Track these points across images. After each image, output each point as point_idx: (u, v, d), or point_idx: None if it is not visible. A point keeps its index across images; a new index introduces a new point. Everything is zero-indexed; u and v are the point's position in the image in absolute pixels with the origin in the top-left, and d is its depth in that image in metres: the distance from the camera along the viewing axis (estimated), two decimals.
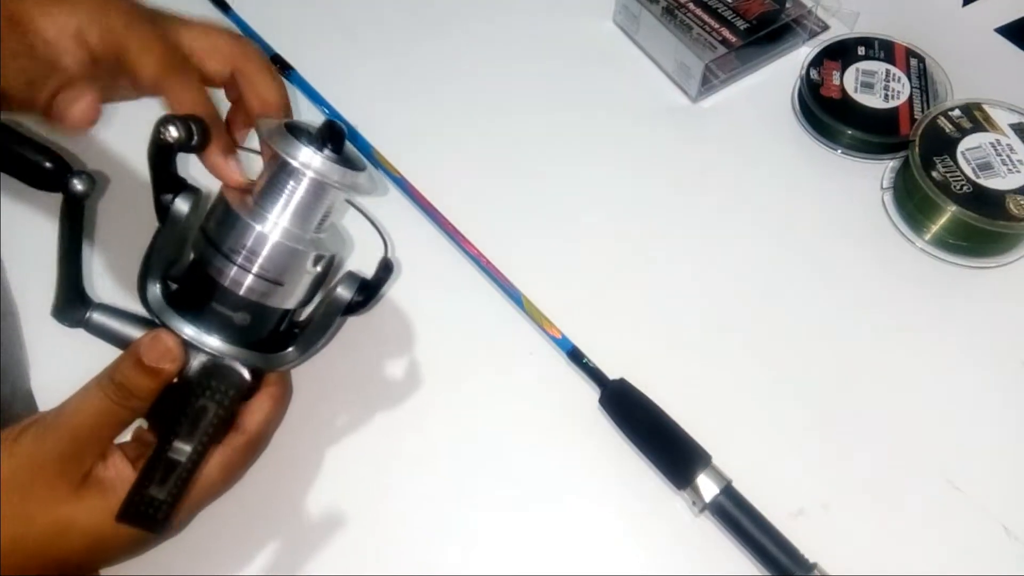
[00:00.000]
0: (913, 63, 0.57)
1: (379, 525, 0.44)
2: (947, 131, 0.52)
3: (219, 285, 0.39)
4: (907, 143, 0.52)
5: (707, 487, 0.41)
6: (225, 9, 0.63)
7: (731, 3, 0.59)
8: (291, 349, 0.42)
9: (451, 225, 0.52)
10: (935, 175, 0.50)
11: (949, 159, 0.51)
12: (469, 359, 0.49)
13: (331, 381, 0.48)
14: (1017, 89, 0.56)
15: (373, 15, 0.64)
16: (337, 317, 0.42)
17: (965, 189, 0.50)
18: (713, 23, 0.58)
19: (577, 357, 0.47)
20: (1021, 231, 0.49)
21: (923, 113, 0.54)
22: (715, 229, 0.53)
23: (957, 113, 0.53)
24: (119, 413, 0.36)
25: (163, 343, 0.37)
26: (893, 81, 0.56)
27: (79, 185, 0.36)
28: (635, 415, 0.45)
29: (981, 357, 0.48)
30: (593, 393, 0.46)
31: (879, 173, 0.55)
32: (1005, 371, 0.48)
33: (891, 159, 0.55)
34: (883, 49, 0.58)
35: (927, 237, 0.51)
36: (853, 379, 0.47)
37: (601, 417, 0.46)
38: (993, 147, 0.51)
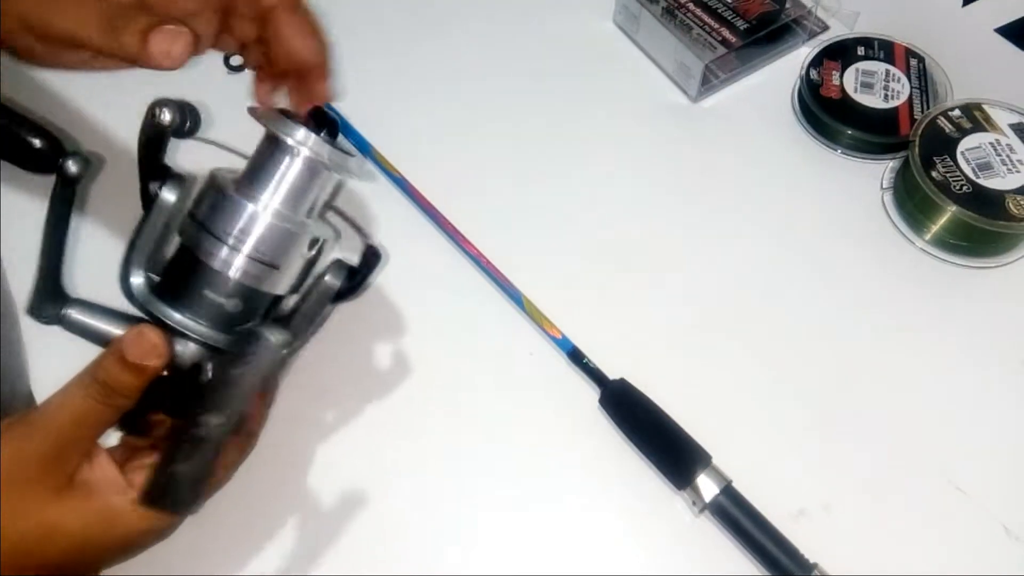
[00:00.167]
0: (913, 63, 0.57)
1: (379, 525, 0.44)
2: (947, 131, 0.52)
3: (210, 268, 0.37)
4: (907, 143, 0.52)
5: (707, 487, 0.41)
6: None
7: (731, 3, 0.59)
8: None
9: (451, 225, 0.52)
10: (935, 175, 0.50)
11: (949, 159, 0.51)
12: (469, 359, 0.49)
13: (331, 381, 0.48)
14: (1017, 89, 0.56)
15: (373, 15, 0.64)
16: (327, 305, 0.40)
17: (965, 189, 0.50)
18: (713, 23, 0.58)
19: (577, 357, 0.47)
20: (1021, 231, 0.49)
21: (923, 113, 0.54)
22: (715, 229, 0.53)
23: (957, 113, 0.53)
24: (102, 412, 0.35)
25: (147, 339, 0.35)
26: (893, 81, 0.56)
27: (73, 167, 0.34)
28: (635, 415, 0.45)
29: (981, 357, 0.48)
30: (593, 393, 0.46)
31: (879, 173, 0.55)
32: (1005, 371, 0.48)
33: (891, 159, 0.55)
34: (883, 49, 0.58)
35: (927, 237, 0.51)
36: (853, 379, 0.47)
37: (601, 417, 0.46)
38: (993, 147, 0.51)
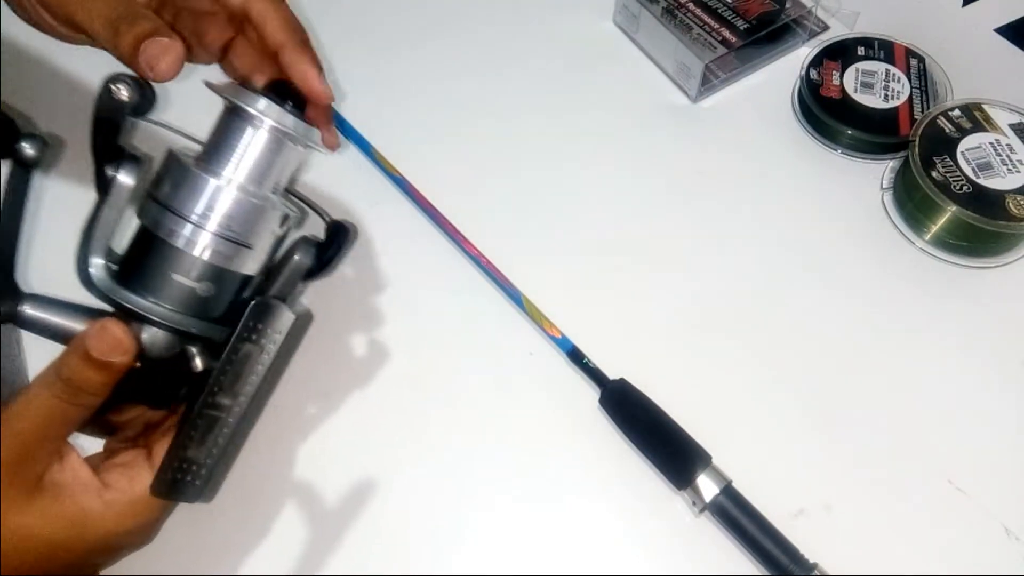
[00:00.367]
0: (913, 63, 0.57)
1: (379, 525, 0.43)
2: (947, 131, 0.52)
3: (175, 250, 0.35)
4: (907, 143, 0.52)
5: (707, 487, 0.41)
6: None
7: (731, 3, 0.59)
8: None
9: (451, 225, 0.52)
10: (935, 175, 0.50)
11: (949, 159, 0.51)
12: (469, 359, 0.49)
13: (330, 381, 0.48)
14: (1017, 89, 0.56)
15: (373, 15, 0.64)
16: (298, 284, 0.39)
17: (965, 189, 0.50)
18: (713, 23, 0.58)
19: (577, 357, 0.47)
20: (1021, 231, 0.49)
21: (923, 113, 0.54)
22: (715, 229, 0.53)
23: (957, 113, 0.53)
24: (69, 411, 0.34)
25: (111, 334, 0.33)
26: (893, 81, 0.56)
27: (29, 150, 0.32)
28: (635, 415, 0.45)
29: (981, 357, 0.48)
30: (593, 393, 0.46)
31: (879, 173, 0.55)
32: (1005, 371, 0.48)
33: (891, 159, 0.55)
34: (883, 49, 0.58)
35: (927, 237, 0.51)
36: (853, 379, 0.47)
37: (601, 417, 0.46)
38: (993, 147, 0.51)
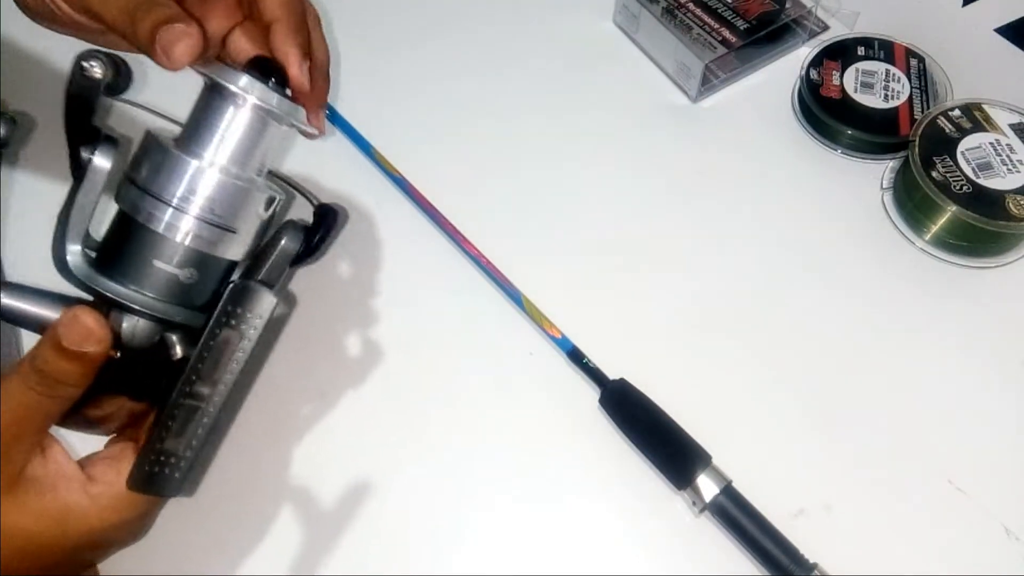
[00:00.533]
0: (913, 63, 0.57)
1: (378, 525, 0.43)
2: (947, 131, 0.52)
3: (157, 235, 0.34)
4: (907, 143, 0.52)
5: (707, 487, 0.41)
6: None
7: (731, 3, 0.59)
8: None
9: (451, 225, 0.52)
10: (935, 175, 0.50)
11: (949, 159, 0.51)
12: (469, 359, 0.49)
13: (330, 381, 0.48)
14: (1017, 89, 0.56)
15: (373, 15, 0.64)
16: (286, 269, 0.38)
17: (965, 189, 0.50)
18: (713, 23, 0.58)
19: (577, 357, 0.47)
20: (1021, 231, 0.49)
21: (923, 113, 0.54)
22: (715, 229, 0.53)
23: (957, 113, 0.53)
24: (45, 404, 0.32)
25: (82, 323, 0.32)
26: (893, 81, 0.56)
27: None
28: (635, 415, 0.45)
29: (981, 357, 0.48)
30: (593, 393, 0.46)
31: (879, 173, 0.55)
32: (1005, 371, 0.47)
33: (891, 159, 0.55)
34: (883, 49, 0.58)
35: (927, 237, 0.51)
36: (853, 379, 0.47)
37: (601, 417, 0.46)
38: (993, 147, 0.51)
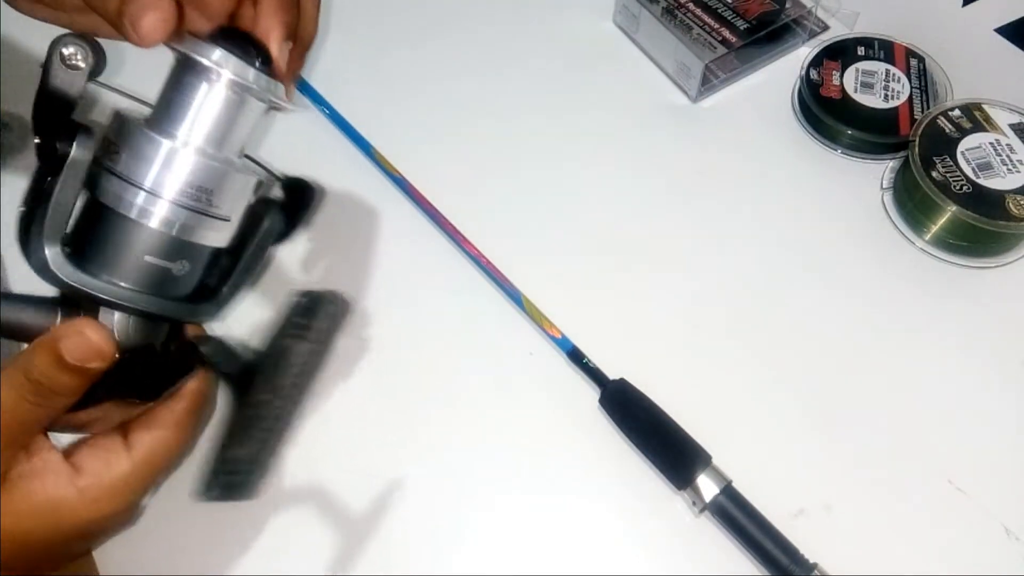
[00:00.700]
0: (913, 63, 0.57)
1: (378, 525, 0.43)
2: (947, 131, 0.52)
3: (143, 227, 0.32)
4: (907, 143, 0.52)
5: (707, 487, 0.41)
6: None
7: (731, 3, 0.59)
8: (224, 290, 0.36)
9: (451, 225, 0.52)
10: (935, 175, 0.50)
11: (949, 159, 0.51)
12: (469, 359, 0.49)
13: (328, 380, 0.48)
14: (1017, 89, 0.56)
15: (373, 15, 0.64)
16: (267, 250, 0.37)
17: (965, 189, 0.50)
18: (713, 23, 0.58)
19: (577, 357, 0.47)
20: (1021, 231, 0.49)
21: (923, 113, 0.54)
22: (715, 229, 0.53)
23: (957, 113, 0.53)
24: (37, 413, 0.31)
25: (88, 339, 0.31)
26: (893, 81, 0.56)
27: None
28: (635, 415, 0.45)
29: (981, 357, 0.48)
30: (593, 393, 0.46)
31: (879, 173, 0.55)
32: (1005, 371, 0.47)
33: (891, 159, 0.55)
34: (883, 49, 0.58)
35: (927, 237, 0.51)
36: (853, 379, 0.47)
37: (601, 417, 0.46)
38: (993, 147, 0.51)
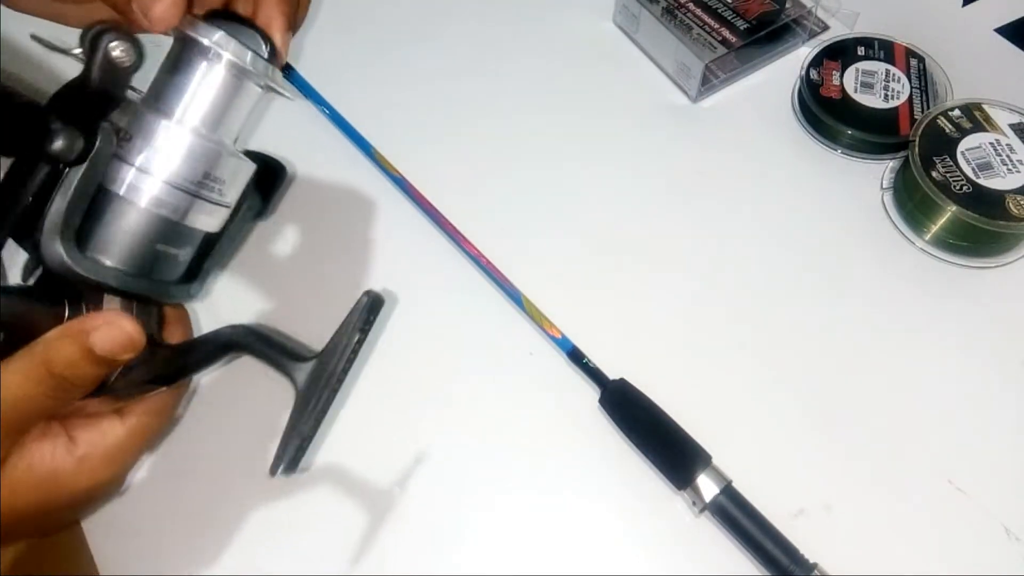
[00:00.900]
0: (913, 63, 0.57)
1: (377, 525, 0.43)
2: (947, 131, 0.52)
3: (168, 220, 0.32)
4: (907, 143, 0.52)
5: (707, 487, 0.41)
6: None
7: (731, 3, 0.59)
8: (205, 268, 0.36)
9: (451, 225, 0.52)
10: (935, 175, 0.50)
11: (949, 159, 0.51)
12: (469, 359, 0.49)
13: None
14: (1017, 89, 0.56)
15: (373, 15, 0.64)
16: (246, 227, 0.37)
17: (965, 189, 0.50)
18: (713, 23, 0.58)
19: (577, 357, 0.47)
20: (1021, 231, 0.49)
21: (923, 113, 0.54)
22: (715, 229, 0.53)
23: (957, 113, 0.53)
24: (50, 404, 0.31)
25: (123, 330, 0.30)
26: (893, 81, 0.56)
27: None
28: (635, 415, 0.45)
29: (981, 357, 0.48)
30: (593, 393, 0.46)
31: (879, 173, 0.55)
32: (1005, 371, 0.47)
33: (891, 159, 0.55)
34: (883, 49, 0.58)
35: (927, 237, 0.51)
36: (853, 379, 0.47)
37: (601, 417, 0.46)
38: (993, 147, 0.51)
